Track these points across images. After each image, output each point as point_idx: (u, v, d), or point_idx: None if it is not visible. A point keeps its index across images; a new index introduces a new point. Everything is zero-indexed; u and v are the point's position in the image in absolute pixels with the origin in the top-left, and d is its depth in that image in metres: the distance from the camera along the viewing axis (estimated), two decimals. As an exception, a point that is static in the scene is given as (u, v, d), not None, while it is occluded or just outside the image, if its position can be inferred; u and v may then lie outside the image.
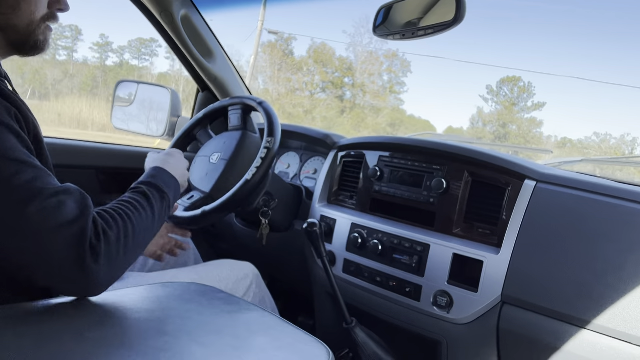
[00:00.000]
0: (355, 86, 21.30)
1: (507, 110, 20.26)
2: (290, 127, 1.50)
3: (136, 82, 1.67)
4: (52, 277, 0.62)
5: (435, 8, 0.98)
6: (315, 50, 21.01)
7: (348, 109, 21.01)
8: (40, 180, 0.61)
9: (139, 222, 0.70)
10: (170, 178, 0.85)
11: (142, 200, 0.75)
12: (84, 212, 0.63)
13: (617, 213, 0.81)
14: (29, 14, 0.70)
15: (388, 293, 1.06)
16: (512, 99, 20.26)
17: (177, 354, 0.57)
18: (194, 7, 1.51)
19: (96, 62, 21.58)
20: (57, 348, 0.54)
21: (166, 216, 0.80)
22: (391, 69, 21.41)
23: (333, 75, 21.31)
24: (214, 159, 1.12)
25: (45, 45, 0.75)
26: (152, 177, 0.82)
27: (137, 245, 0.71)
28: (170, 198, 0.81)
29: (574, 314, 0.80)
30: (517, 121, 20.37)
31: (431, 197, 1.05)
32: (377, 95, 21.19)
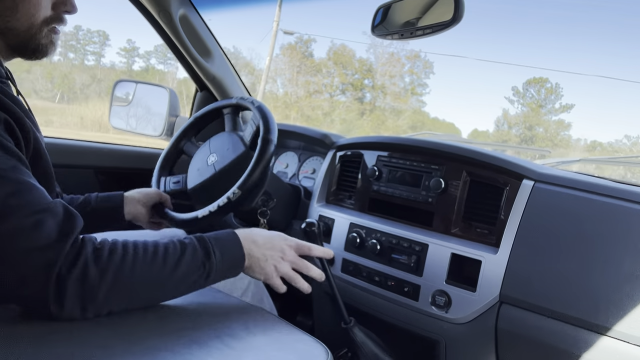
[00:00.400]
0: (376, 88, 21.01)
1: (533, 112, 19.72)
2: (289, 127, 1.50)
3: (134, 81, 1.66)
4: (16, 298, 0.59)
5: (434, 8, 0.98)
6: (335, 52, 20.75)
7: (368, 111, 20.73)
8: (19, 195, 0.56)
9: (146, 271, 0.62)
10: (238, 252, 0.72)
11: (172, 250, 0.65)
12: (62, 237, 0.57)
13: (615, 213, 0.81)
14: (29, 17, 0.68)
15: (386, 293, 1.06)
16: (539, 101, 19.71)
17: (176, 354, 0.57)
18: (192, 6, 1.50)
19: (123, 66, 21.67)
20: (53, 350, 0.54)
21: (199, 284, 0.68)
22: (413, 70, 21.05)
23: (353, 77, 21.05)
24: (211, 160, 1.12)
25: (49, 48, 0.73)
26: (215, 236, 0.71)
27: (132, 296, 0.62)
28: (214, 271, 0.68)
29: (572, 314, 0.80)
30: (544, 123, 19.84)
31: (429, 196, 1.05)
32: (398, 97, 20.86)
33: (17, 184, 0.57)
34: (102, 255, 0.59)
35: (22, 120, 0.65)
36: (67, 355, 0.53)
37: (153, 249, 0.64)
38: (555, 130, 19.63)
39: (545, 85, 19.59)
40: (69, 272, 0.56)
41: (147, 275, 0.62)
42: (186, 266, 0.65)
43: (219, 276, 0.70)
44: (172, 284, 0.65)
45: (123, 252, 0.61)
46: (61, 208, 0.60)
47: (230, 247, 0.71)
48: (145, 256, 0.62)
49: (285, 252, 0.78)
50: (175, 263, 0.64)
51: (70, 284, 0.56)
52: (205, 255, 0.67)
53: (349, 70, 20.98)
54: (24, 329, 0.59)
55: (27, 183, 0.59)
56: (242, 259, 0.72)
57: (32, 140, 0.67)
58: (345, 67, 21.03)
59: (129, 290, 0.61)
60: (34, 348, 0.54)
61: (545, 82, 19.52)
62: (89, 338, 0.57)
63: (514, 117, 20.32)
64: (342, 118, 20.28)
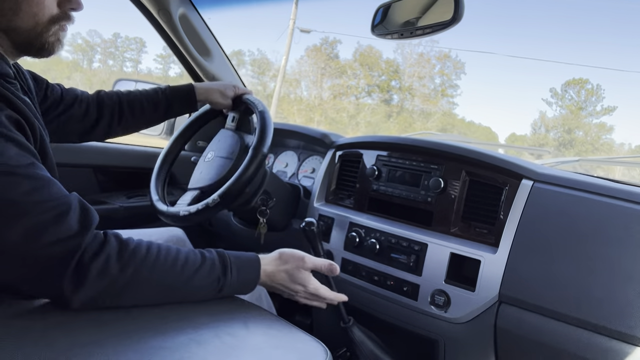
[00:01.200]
0: (403, 89, 20.39)
1: (573, 115, 18.84)
2: (288, 126, 1.50)
3: (134, 80, 1.66)
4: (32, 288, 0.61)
5: (434, 7, 0.98)
6: (362, 53, 20.15)
7: (395, 113, 20.11)
8: (39, 191, 0.59)
9: (163, 275, 0.65)
10: (253, 275, 0.75)
11: (192, 260, 0.68)
12: (83, 229, 0.60)
13: (614, 212, 0.81)
14: (32, 16, 0.68)
15: (385, 292, 1.06)
16: (579, 103, 18.84)
17: (175, 353, 0.57)
18: (191, 5, 1.50)
19: (159, 72, 21.48)
20: (52, 347, 0.54)
21: (209, 296, 0.71)
22: (443, 71, 20.31)
23: (379, 78, 20.46)
24: (208, 157, 1.12)
25: (56, 47, 0.72)
26: (237, 257, 0.74)
27: (145, 295, 0.65)
28: (227, 289, 0.72)
29: (570, 313, 0.80)
30: (584, 127, 18.83)
31: (429, 196, 1.05)
32: (428, 99, 20.16)
33: (35, 180, 0.59)
34: (126, 251, 0.63)
35: (30, 119, 0.66)
36: (65, 352, 0.53)
37: (175, 255, 0.67)
38: (597, 134, 18.73)
39: (586, 86, 18.82)
40: (91, 262, 0.59)
41: (164, 279, 0.65)
42: (202, 278, 0.69)
43: (230, 293, 0.74)
44: (185, 291, 0.68)
45: (146, 252, 0.64)
46: (77, 202, 0.63)
47: (247, 270, 0.75)
48: (166, 261, 0.66)
49: (298, 293, 0.82)
50: (193, 273, 0.68)
51: (92, 272, 0.59)
52: (222, 271, 0.71)
53: (375, 71, 20.43)
54: (23, 326, 0.59)
55: (45, 178, 0.61)
56: (256, 282, 0.76)
57: (39, 140, 0.68)
58: (371, 68, 20.44)
59: (143, 289, 0.64)
60: (33, 345, 0.54)
61: (586, 83, 18.75)
62: (88, 336, 0.58)
63: (552, 120, 19.45)
64: (368, 121, 19.64)
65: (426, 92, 20.31)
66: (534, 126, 19.95)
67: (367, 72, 20.36)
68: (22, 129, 0.64)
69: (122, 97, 1.08)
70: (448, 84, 20.41)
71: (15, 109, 0.64)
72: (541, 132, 19.36)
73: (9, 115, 0.61)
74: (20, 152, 0.60)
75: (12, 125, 0.61)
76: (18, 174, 0.58)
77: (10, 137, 0.59)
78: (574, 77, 19.05)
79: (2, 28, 0.68)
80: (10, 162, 0.58)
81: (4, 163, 0.57)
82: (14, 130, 0.61)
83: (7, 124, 0.60)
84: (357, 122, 19.61)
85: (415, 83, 20.22)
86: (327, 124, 19.37)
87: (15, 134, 0.61)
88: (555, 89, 19.36)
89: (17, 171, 0.58)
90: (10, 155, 0.58)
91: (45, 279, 0.59)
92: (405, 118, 19.86)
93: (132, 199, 1.53)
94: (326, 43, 20.03)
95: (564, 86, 19.17)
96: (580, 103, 18.88)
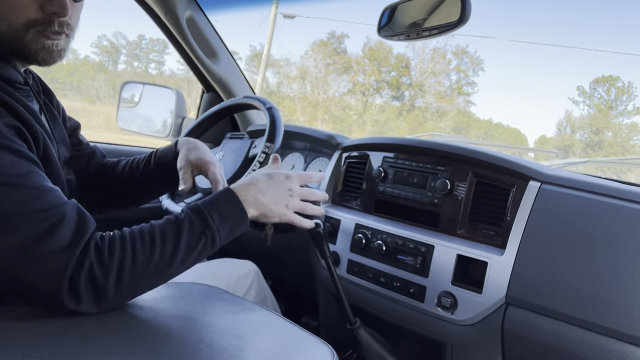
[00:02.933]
0: (413, 86, 18.81)
1: (602, 115, 17.41)
2: (294, 127, 1.50)
3: (142, 82, 1.67)
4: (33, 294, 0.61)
5: (440, 8, 0.98)
6: (371, 48, 18.60)
7: (405, 111, 18.73)
8: (34, 201, 0.58)
9: (147, 258, 0.63)
10: (235, 209, 0.72)
11: (169, 229, 0.65)
12: (74, 241, 0.58)
13: (623, 215, 0.80)
14: (4, 19, 0.64)
15: (392, 294, 1.06)
16: (609, 102, 17.39)
17: (181, 354, 0.57)
18: (198, 8, 1.51)
19: (182, 74, 20.72)
20: (59, 349, 0.55)
21: (206, 252, 0.68)
22: (460, 67, 18.62)
23: (389, 74, 18.91)
24: (218, 158, 1.13)
25: (40, 54, 0.68)
26: (210, 200, 0.71)
27: (141, 284, 0.64)
28: (218, 234, 0.68)
29: (579, 316, 0.80)
30: (614, 127, 17.35)
31: (435, 197, 1.05)
32: (443, 97, 18.65)
33: (31, 189, 0.58)
34: (104, 254, 0.60)
35: (32, 126, 0.65)
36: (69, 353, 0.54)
37: (149, 232, 0.64)
38: (627, 135, 17.12)
39: (616, 84, 17.17)
40: (78, 274, 0.58)
41: (150, 260, 0.63)
42: (186, 240, 0.65)
43: (226, 237, 0.70)
44: (177, 261, 0.65)
45: (121, 244, 0.62)
46: (74, 211, 0.61)
47: (228, 208, 0.71)
48: (143, 242, 0.63)
49: (291, 188, 0.79)
50: (175, 240, 0.65)
51: (82, 286, 0.58)
52: (203, 223, 0.67)
53: (385, 67, 18.85)
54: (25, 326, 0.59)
55: (42, 187, 0.60)
56: (244, 217, 0.72)
57: (42, 147, 0.67)
58: (380, 64, 18.86)
59: (136, 280, 0.62)
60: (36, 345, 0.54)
61: (616, 80, 17.11)
62: (92, 337, 0.58)
63: (579, 120, 17.96)
64: (375, 119, 18.31)
65: (441, 89, 18.93)
66: (559, 127, 18.62)
67: (375, 67, 19.00)
68: (23, 135, 0.63)
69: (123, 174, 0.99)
70: (465, 81, 18.91)
71: (16, 115, 0.63)
72: (567, 133, 18.14)
73: (7, 123, 0.61)
74: (16, 160, 0.59)
75: (11, 132, 0.61)
76: (11, 183, 0.57)
77: (6, 145, 0.58)
78: (603, 75, 17.76)
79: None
80: (5, 171, 0.57)
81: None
82: (11, 138, 0.60)
83: (4, 132, 0.59)
84: (363, 120, 18.48)
85: (430, 80, 18.84)
86: (331, 122, 18.36)
87: (12, 142, 0.60)
88: (583, 87, 18.06)
89: (10, 180, 0.57)
90: (4, 164, 0.57)
91: (44, 292, 0.58)
92: (414, 116, 18.61)
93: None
94: (333, 37, 18.78)
95: (592, 84, 17.81)
96: (610, 102, 17.36)
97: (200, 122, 1.24)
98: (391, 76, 18.96)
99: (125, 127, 1.67)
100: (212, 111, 1.24)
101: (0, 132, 0.59)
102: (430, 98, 18.62)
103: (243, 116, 1.74)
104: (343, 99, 18.75)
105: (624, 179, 1.02)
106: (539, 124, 26.85)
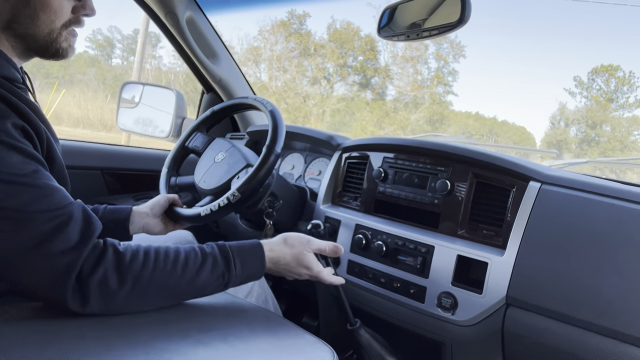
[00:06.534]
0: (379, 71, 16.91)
1: (600, 107, 15.80)
2: (295, 128, 1.50)
3: (142, 83, 1.68)
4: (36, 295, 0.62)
5: (440, 9, 0.98)
6: (336, 29, 16.65)
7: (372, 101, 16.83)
8: (40, 200, 0.58)
9: (164, 280, 0.65)
10: (258, 265, 0.75)
11: (192, 259, 0.68)
12: (82, 241, 0.60)
13: (623, 215, 0.80)
14: (49, 23, 0.69)
15: (392, 294, 1.06)
16: (608, 93, 15.80)
17: (182, 355, 0.57)
18: (199, 8, 1.51)
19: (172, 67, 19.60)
20: (59, 348, 0.55)
21: (216, 291, 0.71)
22: (439, 53, 16.75)
23: (357, 59, 16.92)
24: (218, 158, 1.13)
25: (68, 52, 0.74)
26: (239, 248, 0.74)
27: (150, 301, 0.65)
28: (233, 280, 0.71)
29: (579, 317, 0.79)
30: (613, 121, 15.76)
31: (435, 198, 1.05)
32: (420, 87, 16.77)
33: (38, 188, 0.59)
34: (124, 262, 0.62)
35: (37, 126, 0.65)
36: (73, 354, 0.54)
37: (174, 257, 0.66)
38: (627, 130, 15.57)
39: (616, 74, 15.63)
40: (90, 275, 0.59)
41: (165, 284, 0.65)
42: (205, 277, 0.68)
43: (236, 285, 0.73)
44: (189, 292, 0.68)
45: (144, 259, 0.64)
46: (81, 212, 0.62)
47: (251, 260, 0.74)
48: (166, 265, 0.65)
49: (302, 276, 0.83)
50: (195, 273, 0.67)
51: (92, 287, 0.59)
52: (226, 266, 0.70)
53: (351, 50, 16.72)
54: (32, 328, 0.59)
55: (48, 187, 0.61)
56: (262, 272, 0.76)
57: (46, 146, 0.68)
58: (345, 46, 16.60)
59: (147, 296, 0.64)
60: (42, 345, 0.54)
61: (617, 70, 15.59)
62: (95, 338, 0.58)
63: (574, 112, 16.23)
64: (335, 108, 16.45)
65: (419, 78, 16.99)
66: (552, 120, 17.11)
67: (339, 51, 16.69)
68: (29, 135, 0.63)
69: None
70: (446, 70, 16.96)
71: (21, 115, 0.63)
72: (561, 127, 16.72)
73: (14, 123, 0.61)
74: (23, 160, 0.59)
75: (17, 133, 0.61)
76: (20, 182, 0.58)
77: (13, 145, 0.59)
78: (602, 64, 15.92)
79: (19, 34, 0.69)
80: (12, 170, 0.58)
81: (5, 172, 0.57)
82: (18, 138, 0.61)
83: (11, 132, 0.60)
84: (323, 110, 16.59)
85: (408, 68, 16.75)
86: (285, 112, 15.97)
87: (20, 142, 0.60)
88: (580, 77, 16.48)
89: (18, 180, 0.58)
90: (12, 164, 0.58)
91: (48, 293, 0.59)
92: (380, 106, 16.42)
93: (140, 200, 1.54)
94: (293, 17, 16.34)
95: (590, 74, 16.06)
96: (609, 94, 15.82)
97: (200, 122, 1.24)
98: (358, 61, 17.01)
99: (126, 127, 1.67)
100: (212, 111, 1.23)
101: (7, 132, 0.59)
102: (407, 87, 16.78)
103: (243, 116, 1.74)
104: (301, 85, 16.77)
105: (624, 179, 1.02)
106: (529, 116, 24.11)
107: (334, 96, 16.78)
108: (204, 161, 1.18)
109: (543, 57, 22.34)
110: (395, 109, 16.63)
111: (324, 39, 17.08)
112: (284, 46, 16.77)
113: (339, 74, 16.86)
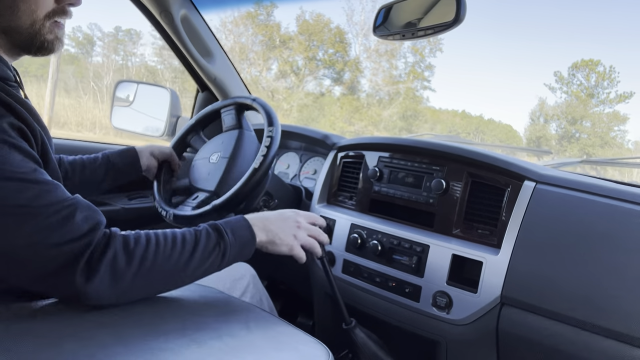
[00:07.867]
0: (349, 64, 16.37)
1: (580, 103, 15.47)
2: (290, 127, 1.50)
3: (136, 82, 1.67)
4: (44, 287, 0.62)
5: (435, 8, 0.98)
6: (305, 20, 15.90)
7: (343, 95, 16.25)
8: (44, 195, 0.60)
9: (167, 257, 0.68)
10: (246, 230, 0.78)
11: (189, 237, 0.71)
12: (93, 227, 0.62)
13: (617, 214, 0.81)
14: (30, 14, 0.68)
15: (387, 294, 1.06)
16: (589, 89, 15.51)
17: (176, 354, 0.57)
18: (193, 7, 1.51)
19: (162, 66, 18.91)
20: (56, 349, 0.54)
21: (216, 264, 0.73)
22: (416, 48, 16.09)
23: (327, 52, 16.30)
24: (213, 159, 1.12)
25: (55, 44, 0.73)
26: (226, 221, 0.77)
27: (156, 280, 0.68)
28: (229, 248, 0.74)
29: (574, 316, 0.80)
30: (593, 116, 15.45)
31: (431, 197, 1.05)
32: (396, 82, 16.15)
33: (40, 184, 0.61)
34: (130, 244, 0.65)
35: (33, 126, 0.66)
36: (69, 353, 0.53)
37: (172, 237, 0.70)
38: (607, 125, 15.25)
39: (596, 68, 15.37)
40: (100, 257, 0.61)
41: (169, 261, 0.68)
42: (202, 248, 0.71)
43: (233, 256, 0.75)
44: (191, 267, 0.70)
45: (146, 242, 0.67)
46: (84, 202, 0.65)
47: (240, 229, 0.77)
48: (166, 244, 0.68)
49: (299, 221, 0.85)
50: (193, 247, 0.70)
51: (102, 268, 0.61)
52: (219, 236, 0.73)
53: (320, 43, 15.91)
54: (27, 326, 0.59)
55: (50, 183, 0.62)
56: (253, 239, 0.78)
57: (41, 145, 0.68)
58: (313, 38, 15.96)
59: (152, 275, 0.67)
60: (37, 345, 0.54)
61: (597, 64, 15.33)
62: (90, 337, 0.58)
63: (553, 108, 15.91)
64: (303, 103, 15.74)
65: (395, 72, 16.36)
66: (532, 116, 16.79)
67: (308, 44, 16.02)
68: (25, 136, 0.64)
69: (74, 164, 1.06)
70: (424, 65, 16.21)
71: (18, 116, 0.64)
72: (540, 123, 16.46)
73: (11, 123, 0.62)
74: (24, 159, 0.61)
75: (14, 133, 0.62)
76: (24, 179, 0.59)
77: (14, 144, 0.60)
78: (582, 58, 15.73)
79: (1, 29, 0.68)
80: (16, 168, 0.59)
81: (10, 170, 0.58)
82: (17, 137, 0.62)
83: (10, 132, 0.61)
84: (290, 105, 15.68)
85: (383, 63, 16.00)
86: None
87: (19, 141, 0.62)
88: (561, 72, 16.05)
89: (23, 177, 0.59)
90: (16, 162, 0.59)
91: (57, 276, 0.60)
92: (351, 101, 15.83)
93: (134, 200, 1.53)
94: (260, 7, 15.58)
95: (571, 69, 15.83)
96: (590, 89, 15.57)
97: (195, 122, 1.24)
98: (328, 54, 16.34)
99: (120, 126, 1.66)
100: (207, 111, 1.23)
101: (6, 132, 0.60)
102: (382, 82, 16.11)
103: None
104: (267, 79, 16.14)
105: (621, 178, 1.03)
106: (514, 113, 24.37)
107: (302, 91, 16.31)
108: (198, 164, 1.17)
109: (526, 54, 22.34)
110: (368, 104, 16.15)
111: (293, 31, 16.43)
112: (250, 39, 16.11)
113: (307, 67, 16.35)
